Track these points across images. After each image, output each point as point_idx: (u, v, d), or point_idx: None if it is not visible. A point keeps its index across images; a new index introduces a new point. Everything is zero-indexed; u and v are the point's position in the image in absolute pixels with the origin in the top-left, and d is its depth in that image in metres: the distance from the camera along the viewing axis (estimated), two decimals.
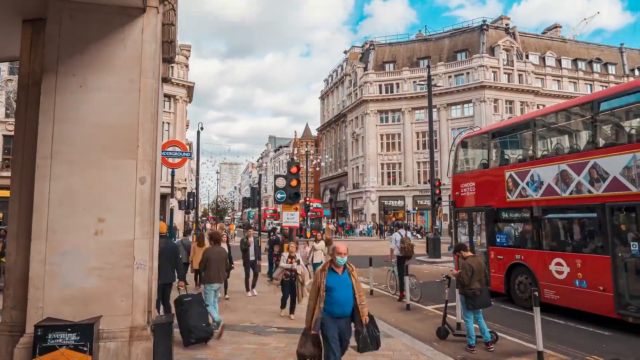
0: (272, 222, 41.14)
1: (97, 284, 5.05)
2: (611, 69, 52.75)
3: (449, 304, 7.91)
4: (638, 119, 8.79)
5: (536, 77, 48.87)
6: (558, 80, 50.17)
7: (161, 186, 8.48)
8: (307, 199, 51.72)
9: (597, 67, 52.22)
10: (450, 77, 48.67)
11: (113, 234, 5.17)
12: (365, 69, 53.92)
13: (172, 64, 7.55)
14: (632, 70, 53.65)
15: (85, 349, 4.48)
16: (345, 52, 65.90)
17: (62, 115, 5.15)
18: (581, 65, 51.50)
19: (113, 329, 5.02)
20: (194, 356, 6.47)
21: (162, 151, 12.84)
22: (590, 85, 51.20)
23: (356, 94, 55.20)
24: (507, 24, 51.49)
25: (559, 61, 50.93)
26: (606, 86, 51.65)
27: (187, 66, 43.05)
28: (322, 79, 74.33)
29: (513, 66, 47.56)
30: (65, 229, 5.04)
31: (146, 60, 5.50)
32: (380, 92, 51.92)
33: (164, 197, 31.73)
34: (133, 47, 5.47)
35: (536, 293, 6.57)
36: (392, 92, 51.49)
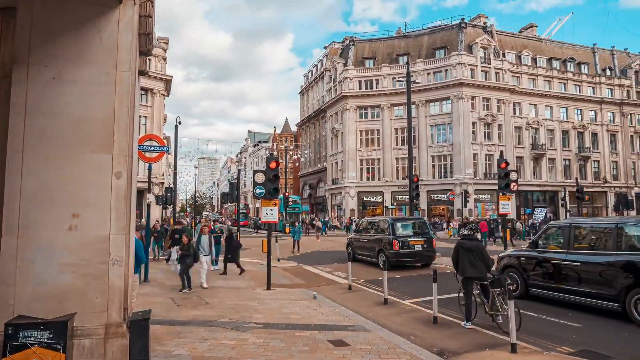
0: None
1: (71, 280, 4.96)
2: (584, 69, 54.06)
3: (426, 298, 8.02)
4: None
5: (512, 76, 49.74)
6: (533, 79, 51.16)
7: (138, 181, 8.35)
8: (286, 194, 51.73)
9: (570, 66, 53.44)
10: (429, 74, 49.14)
11: (88, 229, 5.08)
12: (345, 64, 53.99)
13: (150, 57, 7.42)
14: (604, 70, 55.10)
15: (58, 347, 4.39)
16: (325, 47, 65.85)
17: (34, 108, 5.02)
18: (556, 64, 52.63)
19: (88, 326, 4.94)
20: (171, 353, 6.41)
21: (139, 145, 12.59)
22: (564, 84, 52.41)
23: (336, 89, 55.26)
24: (484, 22, 52.21)
25: (534, 60, 51.92)
26: (579, 86, 53.04)
27: (164, 59, 42.31)
28: (302, 74, 74.05)
29: (490, 64, 48.30)
30: (38, 224, 4.93)
31: (122, 53, 5.40)
32: (360, 88, 52.10)
33: (140, 192, 31.15)
34: (109, 38, 5.35)
35: (510, 287, 6.74)
36: (371, 88, 51.71)
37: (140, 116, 36.15)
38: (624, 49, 58.98)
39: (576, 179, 42.58)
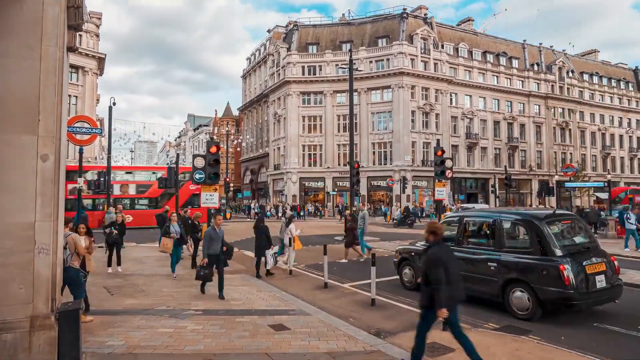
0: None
1: None
2: (515, 63, 57.14)
3: (365, 281, 8.23)
4: None
5: (450, 67, 51.61)
6: (469, 71, 53.40)
7: (67, 165, 7.87)
8: (227, 179, 50.91)
9: (503, 60, 56.30)
10: (371, 62, 49.84)
11: (9, 215, 4.73)
12: (288, 49, 53.48)
13: (80, 32, 6.95)
14: (532, 65, 58.53)
15: None
16: (268, 31, 64.81)
17: None
18: (490, 57, 55.21)
19: (10, 319, 4.63)
20: (105, 343, 6.18)
21: (69, 127, 11.86)
22: (497, 77, 55.18)
23: (279, 74, 54.71)
24: (425, 14, 53.61)
25: (470, 52, 54.14)
26: (510, 79, 56.05)
27: (97, 36, 39.74)
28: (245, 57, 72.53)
29: (429, 55, 49.78)
30: None
31: (48, 26, 5.01)
32: (303, 74, 51.91)
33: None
34: (32, 9, 4.95)
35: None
36: (314, 74, 51.69)
37: (70, 96, 33.92)
38: (549, 46, 62.97)
39: (505, 167, 45.25)
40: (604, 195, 41.64)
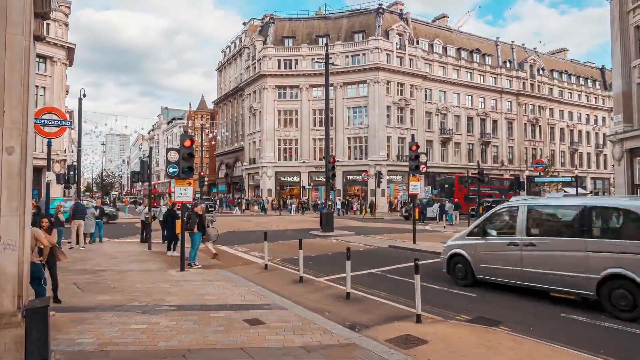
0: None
1: None
2: (488, 60, 58.16)
3: (341, 275, 8.29)
4: None
5: (425, 63, 52.16)
6: (444, 67, 54.09)
7: (35, 158, 7.62)
8: (202, 173, 50.33)
9: (476, 57, 57.23)
10: (347, 56, 49.91)
11: None
12: (264, 42, 53.04)
13: (47, 21, 6.73)
14: (505, 62, 59.69)
15: None
16: (244, 23, 64.07)
17: None
18: (464, 54, 56.03)
19: None
20: (75, 341, 6.04)
21: (36, 119, 11.47)
22: (470, 73, 56.08)
23: (254, 67, 54.22)
24: (401, 9, 53.92)
25: (445, 49, 54.81)
26: (483, 76, 57.03)
27: (66, 25, 38.46)
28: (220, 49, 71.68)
29: (405, 50, 50.16)
30: None
31: (13, 13, 4.81)
32: (279, 68, 51.59)
33: (39, 170, 28.57)
34: None
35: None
36: (290, 68, 51.44)
37: (38, 87, 32.77)
38: (521, 44, 64.32)
39: (478, 162, 45.98)
40: (572, 190, 42.98)
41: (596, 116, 67.77)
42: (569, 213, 8.82)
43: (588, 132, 66.45)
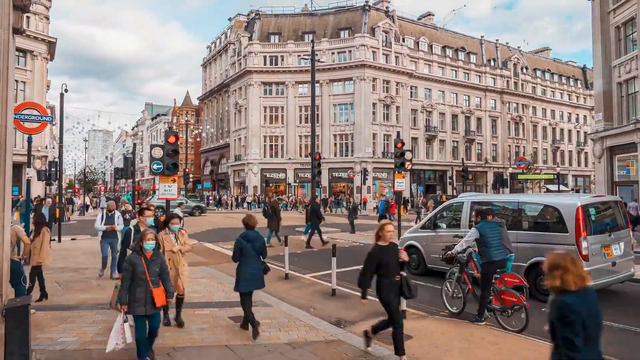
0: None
1: None
2: (472, 58, 58.68)
3: (326, 272, 8.31)
4: None
5: (411, 60, 52.41)
6: (429, 65, 54.42)
7: (15, 154, 7.46)
8: (187, 170, 49.91)
9: (461, 55, 57.69)
10: (333, 53, 49.89)
11: None
12: (250, 38, 52.69)
13: (27, 14, 6.58)
14: (489, 60, 60.32)
15: None
16: (230, 19, 63.58)
17: None
18: (449, 52, 56.44)
19: None
20: (57, 340, 5.96)
21: (16, 114, 11.23)
22: (456, 71, 56.53)
23: (240, 63, 53.86)
24: (387, 7, 54.04)
25: (430, 47, 55.14)
26: (468, 74, 57.54)
27: (47, 18, 37.64)
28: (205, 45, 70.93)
29: (391, 48, 50.33)
30: None
31: None
32: (265, 64, 51.34)
33: (18, 167, 27.99)
34: None
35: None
36: (276, 64, 51.24)
37: (17, 81, 32.07)
38: (505, 42, 65.07)
39: (462, 159, 46.57)
40: (553, 187, 43.68)
41: (577, 115, 68.92)
42: (507, 208, 9.67)
43: (570, 131, 67.55)
